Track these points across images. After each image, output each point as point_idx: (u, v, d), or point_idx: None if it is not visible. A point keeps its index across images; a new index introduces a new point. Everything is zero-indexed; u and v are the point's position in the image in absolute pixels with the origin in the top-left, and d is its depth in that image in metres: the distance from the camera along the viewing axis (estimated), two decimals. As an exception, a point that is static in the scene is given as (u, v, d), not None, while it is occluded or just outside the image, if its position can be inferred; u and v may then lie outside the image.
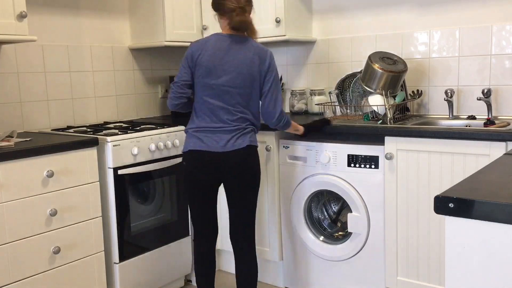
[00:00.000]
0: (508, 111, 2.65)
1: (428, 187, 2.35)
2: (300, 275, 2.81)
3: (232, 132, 2.20)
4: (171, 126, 2.83)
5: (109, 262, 2.57)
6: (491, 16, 2.65)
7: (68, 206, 2.34)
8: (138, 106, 3.41)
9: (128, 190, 2.59)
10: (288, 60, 3.42)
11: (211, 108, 2.22)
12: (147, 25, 3.22)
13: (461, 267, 1.05)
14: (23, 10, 2.37)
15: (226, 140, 2.19)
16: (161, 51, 3.52)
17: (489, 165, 1.36)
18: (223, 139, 2.19)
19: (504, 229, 0.99)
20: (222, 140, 2.19)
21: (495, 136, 2.15)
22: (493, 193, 1.08)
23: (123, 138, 2.54)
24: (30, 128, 2.80)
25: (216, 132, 2.20)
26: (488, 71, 2.69)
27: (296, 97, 3.29)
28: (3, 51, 2.67)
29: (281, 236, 2.87)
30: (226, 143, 2.18)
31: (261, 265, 3.06)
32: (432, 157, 2.32)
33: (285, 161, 2.77)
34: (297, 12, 3.14)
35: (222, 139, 2.19)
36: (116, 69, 3.25)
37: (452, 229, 1.05)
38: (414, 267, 2.45)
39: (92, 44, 3.10)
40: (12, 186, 2.13)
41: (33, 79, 2.81)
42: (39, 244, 2.24)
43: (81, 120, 3.06)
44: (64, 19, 2.96)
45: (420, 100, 2.89)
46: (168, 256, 2.81)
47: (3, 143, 2.24)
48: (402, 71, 2.64)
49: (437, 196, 1.06)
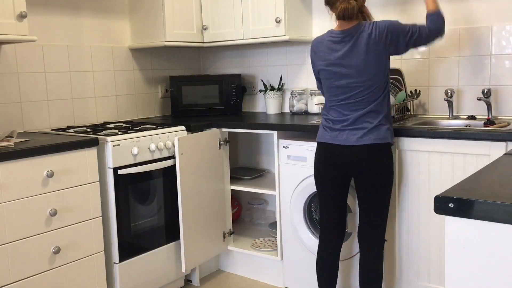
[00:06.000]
0: (508, 111, 2.65)
1: (428, 187, 2.35)
2: (300, 275, 2.81)
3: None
4: (171, 126, 2.83)
5: (109, 262, 2.57)
6: (491, 16, 2.65)
7: (68, 206, 2.34)
8: (138, 106, 3.41)
9: (128, 190, 2.59)
10: (288, 60, 3.42)
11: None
12: (147, 25, 3.23)
13: (461, 267, 1.05)
14: (23, 10, 2.37)
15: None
16: (161, 51, 3.52)
17: (489, 165, 1.36)
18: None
19: (504, 229, 0.99)
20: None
21: (495, 136, 2.15)
22: (493, 193, 1.08)
23: (123, 138, 2.54)
24: (30, 128, 2.80)
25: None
26: (488, 71, 2.68)
27: (296, 97, 3.29)
28: (3, 51, 2.67)
29: (281, 236, 2.87)
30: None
31: (261, 265, 3.06)
32: (432, 157, 2.32)
33: (285, 161, 2.77)
34: (297, 12, 3.14)
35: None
36: (116, 69, 3.25)
37: (452, 229, 1.05)
38: (414, 267, 2.45)
39: (92, 44, 3.10)
40: (12, 186, 2.13)
41: (33, 79, 2.81)
42: (39, 244, 2.23)
43: (81, 120, 3.06)
44: (64, 19, 2.96)
45: (420, 100, 2.89)
46: (168, 256, 2.81)
47: (3, 143, 2.24)
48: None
49: (437, 196, 1.06)
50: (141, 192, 2.70)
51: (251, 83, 3.63)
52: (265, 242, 3.16)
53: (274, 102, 3.39)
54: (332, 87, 2.22)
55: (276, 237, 3.09)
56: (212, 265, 3.22)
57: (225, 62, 3.74)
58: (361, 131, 2.15)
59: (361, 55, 2.12)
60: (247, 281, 3.09)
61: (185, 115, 3.36)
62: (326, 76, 2.23)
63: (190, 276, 3.06)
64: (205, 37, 3.37)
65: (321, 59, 2.24)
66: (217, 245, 3.03)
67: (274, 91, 3.38)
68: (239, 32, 3.20)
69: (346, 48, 2.15)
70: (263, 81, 3.52)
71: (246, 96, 3.66)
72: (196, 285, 3.04)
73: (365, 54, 2.12)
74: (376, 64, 2.13)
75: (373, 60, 2.12)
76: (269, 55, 3.51)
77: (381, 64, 2.15)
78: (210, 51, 3.79)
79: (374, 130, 2.14)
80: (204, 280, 3.11)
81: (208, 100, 3.39)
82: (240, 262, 3.17)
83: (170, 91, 3.38)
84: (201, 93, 3.38)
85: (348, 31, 2.16)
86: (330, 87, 2.23)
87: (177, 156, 2.70)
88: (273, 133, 2.84)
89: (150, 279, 2.73)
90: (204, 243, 2.91)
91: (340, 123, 2.20)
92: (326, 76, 2.23)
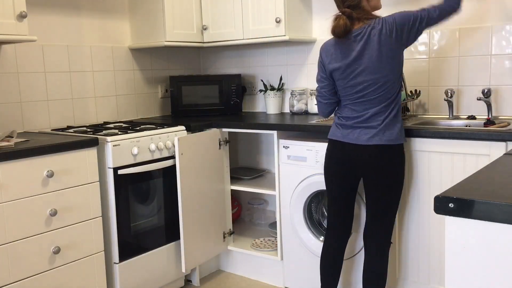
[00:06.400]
0: (508, 111, 2.65)
1: (428, 187, 2.35)
2: (300, 275, 2.81)
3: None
4: (171, 126, 2.83)
5: (109, 262, 2.57)
6: (491, 16, 2.65)
7: (68, 206, 2.34)
8: (138, 106, 3.41)
9: (128, 190, 2.59)
10: (288, 60, 3.42)
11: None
12: (147, 25, 3.23)
13: (461, 267, 1.05)
14: (23, 10, 2.37)
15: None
16: (161, 51, 3.52)
17: (489, 165, 1.36)
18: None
19: (504, 229, 0.99)
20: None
21: (495, 136, 2.15)
22: (493, 193, 1.08)
23: (123, 138, 2.54)
24: (30, 128, 2.80)
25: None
26: (488, 71, 2.68)
27: (296, 97, 3.29)
28: (3, 51, 2.67)
29: (281, 236, 2.87)
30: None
31: (261, 265, 3.06)
32: (432, 157, 2.32)
33: (285, 161, 2.77)
34: (297, 12, 3.14)
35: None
36: (116, 69, 3.25)
37: (452, 229, 1.05)
38: (414, 267, 2.45)
39: (92, 44, 3.10)
40: (12, 186, 2.13)
41: (33, 79, 2.81)
42: (39, 244, 2.23)
43: (81, 120, 3.06)
44: (64, 19, 2.96)
45: (420, 100, 2.89)
46: (168, 256, 2.81)
47: (3, 143, 2.24)
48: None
49: (437, 196, 1.06)
50: (141, 192, 2.70)
51: (251, 83, 3.63)
52: (265, 242, 3.16)
53: (274, 102, 3.39)
54: (347, 87, 2.20)
55: (276, 237, 3.09)
56: (212, 265, 3.22)
57: (225, 62, 3.74)
58: (373, 130, 2.14)
59: (375, 52, 2.11)
60: (247, 281, 3.09)
61: (185, 115, 3.36)
62: (340, 76, 2.21)
63: (190, 276, 3.06)
64: (205, 37, 3.37)
65: (334, 60, 2.21)
66: (217, 245, 3.03)
67: (274, 91, 3.38)
68: (239, 32, 3.20)
69: (359, 47, 2.13)
70: (263, 81, 3.52)
71: (246, 96, 3.66)
72: (196, 285, 3.04)
73: (378, 51, 2.10)
74: (390, 60, 2.12)
75: (387, 57, 2.11)
76: (269, 55, 3.51)
77: (395, 60, 2.14)
78: (210, 51, 3.79)
79: (386, 129, 2.13)
80: (204, 280, 3.11)
81: (208, 100, 3.39)
82: (240, 262, 3.17)
83: (170, 91, 3.38)
84: (201, 93, 3.38)
85: (359, 30, 2.15)
86: (344, 87, 2.22)
87: (177, 156, 2.70)
88: (273, 133, 2.84)
89: (150, 279, 2.73)
90: (204, 243, 2.91)
91: (352, 119, 2.19)
92: (341, 77, 2.21)
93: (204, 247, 2.92)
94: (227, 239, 3.12)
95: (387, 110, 2.15)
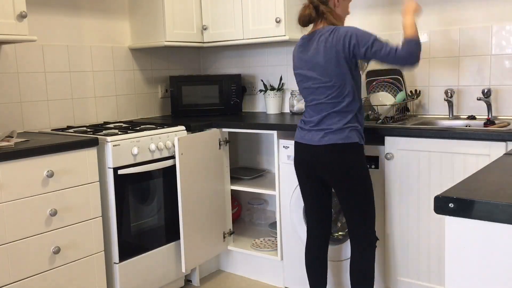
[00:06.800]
0: (508, 111, 2.65)
1: (428, 187, 2.35)
2: (300, 275, 2.81)
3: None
4: (171, 126, 2.83)
5: (109, 262, 2.57)
6: (491, 16, 2.65)
7: (68, 206, 2.34)
8: (138, 106, 3.41)
9: (128, 190, 2.59)
10: (288, 60, 3.42)
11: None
12: (147, 25, 3.23)
13: (461, 267, 1.05)
14: (23, 10, 2.37)
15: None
16: (161, 51, 3.52)
17: (489, 165, 1.36)
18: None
19: (504, 229, 0.99)
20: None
21: (495, 136, 2.15)
22: (493, 193, 1.08)
23: (123, 138, 2.54)
24: (30, 128, 2.80)
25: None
26: (488, 71, 2.68)
27: (296, 97, 3.29)
28: (3, 51, 2.67)
29: (281, 236, 2.87)
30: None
31: (261, 265, 3.06)
32: (432, 157, 2.32)
33: (285, 161, 2.77)
34: (297, 12, 3.13)
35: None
36: (116, 69, 3.25)
37: (452, 229, 1.05)
38: (414, 267, 2.45)
39: (92, 44, 3.10)
40: (12, 186, 2.13)
41: (33, 79, 2.81)
42: (39, 244, 2.23)
43: (81, 120, 3.06)
44: (64, 19, 2.96)
45: (420, 100, 2.89)
46: (168, 256, 2.81)
47: (3, 143, 2.24)
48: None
49: (437, 196, 1.06)
50: (141, 192, 2.70)
51: (251, 83, 3.63)
52: (265, 242, 3.16)
53: (274, 102, 3.39)
54: (303, 89, 2.31)
55: (276, 237, 3.09)
56: (212, 265, 3.22)
57: (225, 62, 3.74)
58: (324, 131, 2.20)
59: (321, 57, 2.18)
60: (247, 281, 3.09)
61: (185, 115, 3.36)
62: (298, 79, 2.33)
63: (190, 276, 3.06)
64: (205, 37, 3.37)
65: (294, 63, 2.34)
66: (217, 245, 3.03)
67: (274, 91, 3.38)
68: (239, 32, 3.20)
69: (310, 51, 2.23)
70: (263, 81, 3.52)
71: (246, 96, 3.66)
72: (196, 285, 3.04)
73: (323, 56, 2.17)
74: (334, 66, 2.16)
75: (332, 62, 2.16)
76: (269, 55, 3.51)
77: (340, 66, 2.16)
78: (210, 51, 3.79)
79: (338, 132, 2.18)
80: (204, 280, 3.11)
81: (208, 100, 3.39)
82: (240, 262, 3.17)
83: (170, 91, 3.38)
84: (201, 93, 3.38)
85: (312, 34, 2.26)
86: (301, 90, 2.33)
87: (177, 156, 2.70)
88: (273, 133, 2.84)
89: (150, 279, 2.73)
90: (204, 243, 2.91)
91: (308, 123, 2.28)
92: (298, 79, 2.33)
93: (204, 247, 2.92)
94: (227, 239, 3.12)
95: (337, 114, 2.19)
